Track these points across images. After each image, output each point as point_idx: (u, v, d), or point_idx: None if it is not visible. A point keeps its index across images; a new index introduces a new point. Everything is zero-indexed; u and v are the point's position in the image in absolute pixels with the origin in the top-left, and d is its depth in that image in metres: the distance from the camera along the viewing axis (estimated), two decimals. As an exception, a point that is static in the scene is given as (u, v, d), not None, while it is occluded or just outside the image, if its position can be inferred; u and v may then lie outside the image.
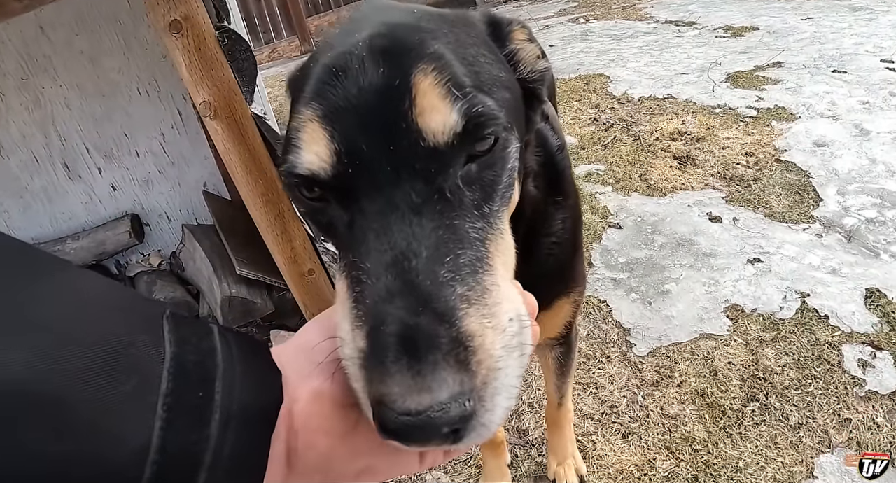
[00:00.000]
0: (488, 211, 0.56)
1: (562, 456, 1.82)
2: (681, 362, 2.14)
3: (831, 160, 3.22)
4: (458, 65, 0.56)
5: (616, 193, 3.31)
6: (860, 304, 2.26)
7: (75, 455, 0.33)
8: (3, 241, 0.38)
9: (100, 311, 0.39)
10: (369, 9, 0.69)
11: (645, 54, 5.41)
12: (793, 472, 1.74)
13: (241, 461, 0.41)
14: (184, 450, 0.37)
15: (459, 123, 0.52)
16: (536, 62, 0.78)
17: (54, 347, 0.34)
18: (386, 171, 0.52)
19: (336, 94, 0.53)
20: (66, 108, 3.02)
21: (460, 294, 0.47)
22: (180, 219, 3.32)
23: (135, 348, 0.38)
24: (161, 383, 0.37)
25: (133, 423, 0.35)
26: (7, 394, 0.31)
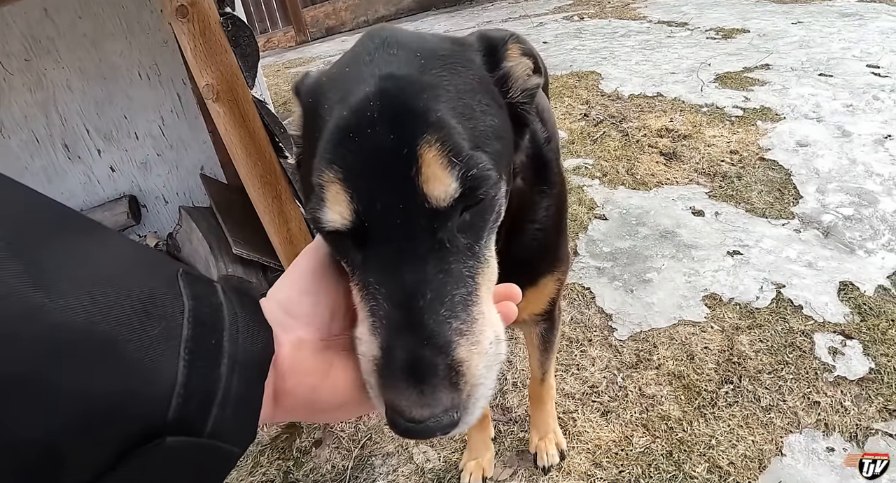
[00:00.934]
0: (478, 249, 0.66)
1: (543, 431, 1.89)
2: (659, 346, 2.23)
3: (813, 160, 3.31)
4: (458, 128, 0.63)
5: (603, 186, 3.38)
6: (833, 295, 2.35)
7: (123, 388, 0.38)
8: (48, 202, 0.44)
9: (131, 265, 0.45)
10: (376, 46, 0.72)
11: (637, 53, 5.48)
12: (763, 450, 1.82)
13: (242, 400, 0.47)
14: (201, 387, 0.43)
15: (458, 190, 0.61)
16: (528, 79, 0.82)
17: (103, 295, 0.39)
18: (397, 225, 0.61)
19: (353, 158, 0.61)
20: (68, 90, 3.06)
21: (455, 328, 0.59)
22: (177, 201, 3.37)
23: (160, 299, 0.44)
24: (182, 331, 0.44)
25: (164, 362, 0.41)
26: (73, 333, 0.36)
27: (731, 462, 1.80)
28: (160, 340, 0.41)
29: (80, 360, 0.36)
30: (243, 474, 2.06)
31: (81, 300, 0.37)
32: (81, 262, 0.40)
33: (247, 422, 0.49)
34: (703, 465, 1.80)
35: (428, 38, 0.77)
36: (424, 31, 0.82)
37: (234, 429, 0.46)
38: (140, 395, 0.39)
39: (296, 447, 2.12)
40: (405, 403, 0.55)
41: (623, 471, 1.82)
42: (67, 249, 0.40)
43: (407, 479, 1.93)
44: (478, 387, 0.58)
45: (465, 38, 0.80)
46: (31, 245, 0.38)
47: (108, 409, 0.37)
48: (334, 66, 0.78)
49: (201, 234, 2.74)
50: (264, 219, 2.14)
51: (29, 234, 0.39)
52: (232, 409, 0.45)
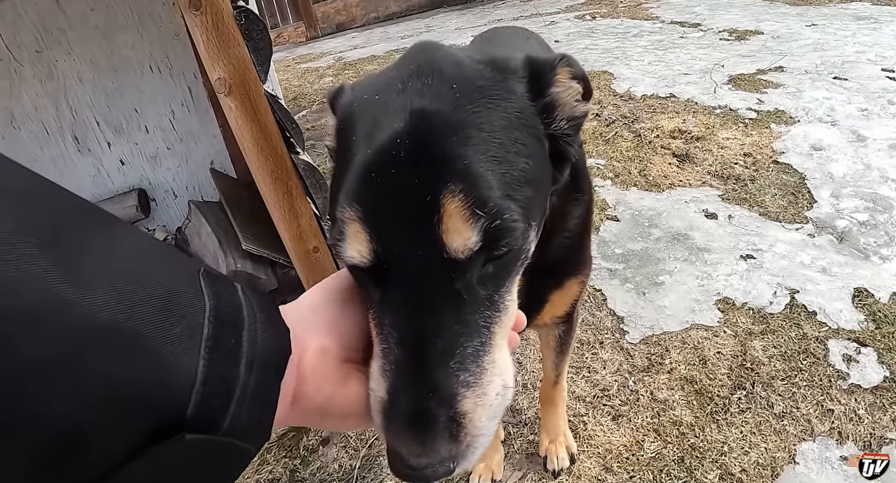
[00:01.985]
0: (497, 298, 0.65)
1: (554, 434, 1.87)
2: (671, 350, 2.21)
3: (827, 164, 3.27)
4: (486, 176, 0.61)
5: (615, 187, 3.36)
6: (848, 302, 2.32)
7: (146, 382, 0.39)
8: (75, 199, 0.44)
9: (153, 262, 0.46)
10: (411, 72, 0.70)
11: (649, 53, 5.45)
12: (775, 458, 1.80)
13: (259, 400, 0.48)
14: (220, 385, 0.44)
15: (478, 243, 0.59)
16: (576, 107, 0.79)
17: (127, 291, 0.40)
18: (415, 271, 0.60)
19: (376, 199, 0.61)
20: (79, 82, 3.05)
21: (462, 380, 0.59)
22: (186, 195, 3.36)
23: (182, 297, 0.44)
24: (203, 329, 0.44)
25: (184, 359, 0.42)
26: (99, 327, 0.37)
27: (743, 469, 1.77)
28: (181, 338, 0.42)
29: (106, 353, 0.37)
30: (250, 472, 2.05)
31: (107, 296, 0.38)
32: (106, 257, 0.41)
33: (262, 421, 0.49)
34: (715, 471, 1.77)
35: (466, 65, 0.73)
36: (465, 54, 0.77)
37: (250, 428, 0.47)
38: (161, 391, 0.40)
39: (303, 445, 2.11)
40: (405, 450, 0.57)
41: (634, 476, 1.80)
42: (93, 244, 0.41)
43: (415, 480, 1.90)
44: (478, 437, 0.59)
45: (511, 61, 0.77)
46: (59, 240, 0.38)
47: (131, 401, 0.38)
48: (367, 86, 0.76)
49: (210, 228, 2.73)
50: (274, 214, 2.13)
51: (57, 229, 0.39)
52: (248, 409, 0.46)
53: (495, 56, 0.78)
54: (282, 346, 0.53)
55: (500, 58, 0.77)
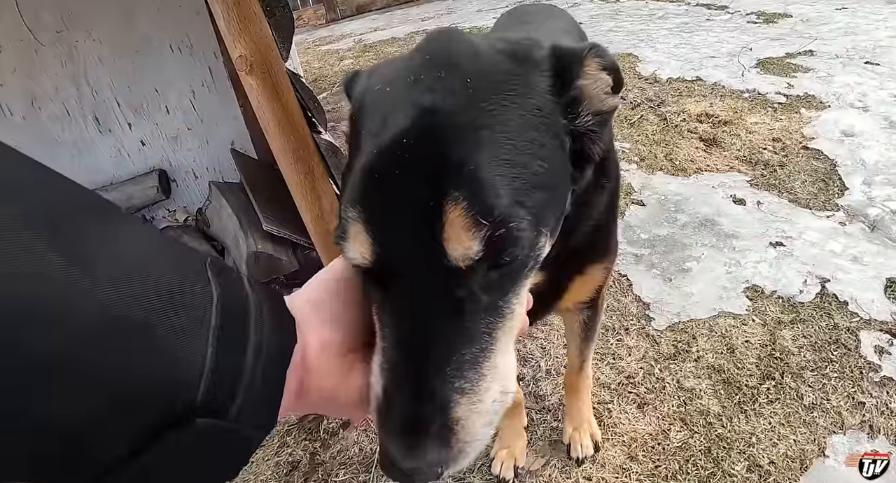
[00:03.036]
0: (502, 304, 0.64)
1: (578, 421, 1.84)
2: (698, 338, 2.16)
3: (858, 150, 3.19)
4: (493, 182, 0.59)
5: (640, 171, 3.31)
6: (880, 292, 2.26)
7: (157, 371, 0.41)
8: (82, 191, 0.45)
9: (161, 254, 0.46)
10: (425, 63, 0.68)
11: (675, 36, 5.35)
12: (804, 450, 1.76)
13: (265, 387, 0.49)
14: (228, 373, 0.45)
15: (480, 253, 0.58)
16: (604, 100, 0.75)
17: (137, 283, 0.41)
18: (416, 276, 0.60)
19: (380, 201, 0.60)
20: (99, 63, 3.04)
21: (457, 387, 0.59)
22: (207, 176, 3.36)
23: (190, 287, 0.45)
24: (211, 319, 0.45)
25: (193, 347, 0.43)
26: (111, 318, 0.38)
27: (771, 461, 1.73)
28: (190, 327, 0.44)
29: (119, 344, 0.38)
30: (269, 454, 2.05)
31: (117, 287, 0.39)
32: (115, 249, 0.42)
33: (269, 408, 0.51)
34: (743, 463, 1.74)
35: (485, 56, 0.70)
36: (486, 43, 0.73)
37: (258, 414, 0.48)
38: (172, 379, 0.41)
39: (323, 428, 2.10)
40: (395, 452, 0.57)
41: (659, 466, 1.77)
42: (103, 237, 0.42)
43: (436, 465, 1.89)
44: (470, 443, 0.59)
45: (535, 52, 0.72)
46: (71, 233, 0.40)
47: (142, 390, 0.39)
48: (381, 74, 0.74)
49: (231, 209, 2.72)
50: (296, 195, 2.10)
51: (69, 222, 0.40)
52: (255, 396, 0.47)
53: (518, 45, 0.74)
54: (287, 336, 0.55)
55: (523, 47, 0.73)
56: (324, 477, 1.95)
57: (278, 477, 1.97)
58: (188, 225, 3.22)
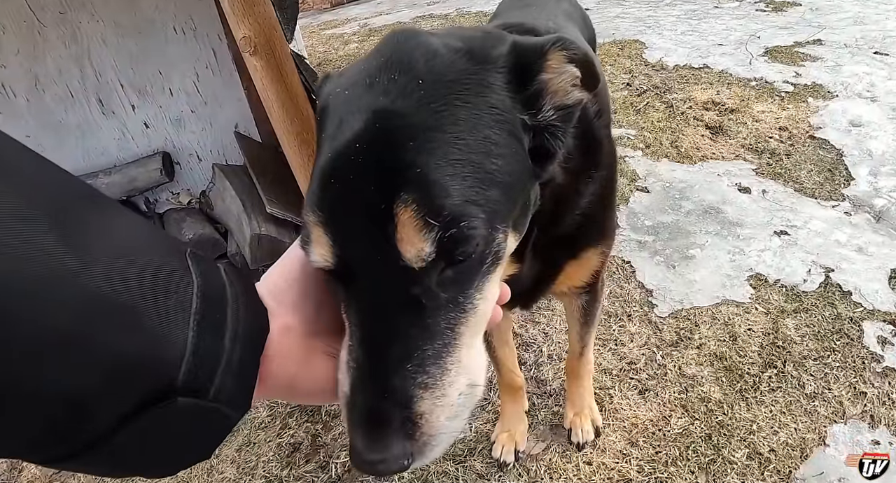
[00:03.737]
0: (463, 299, 0.65)
1: (579, 406, 1.85)
2: (701, 325, 2.16)
3: (866, 141, 3.17)
4: (442, 182, 0.60)
5: (646, 158, 3.29)
6: (884, 283, 2.25)
7: (142, 351, 0.43)
8: (78, 183, 0.48)
9: (147, 242, 0.49)
10: (381, 65, 0.69)
11: (682, 23, 5.31)
12: (805, 439, 1.76)
13: (241, 370, 0.52)
14: (208, 355, 0.48)
15: (432, 253, 0.59)
16: (568, 95, 0.76)
17: (126, 267, 0.44)
18: (375, 276, 0.62)
19: (335, 204, 0.62)
20: (103, 44, 3.02)
21: (419, 382, 0.60)
22: (210, 159, 3.35)
23: (173, 274, 0.48)
24: (192, 304, 0.48)
25: (176, 330, 0.46)
26: (102, 299, 0.41)
27: (771, 449, 1.74)
28: (173, 312, 0.46)
29: (108, 324, 0.41)
30: (271, 435, 2.06)
31: (108, 271, 0.42)
32: (107, 236, 0.45)
33: (245, 390, 0.53)
34: (743, 450, 1.74)
35: (440, 57, 0.70)
36: (444, 42, 0.73)
37: (234, 395, 0.51)
38: (156, 359, 0.44)
39: (325, 411, 2.11)
40: (360, 446, 0.60)
41: (660, 451, 1.77)
42: (94, 224, 0.44)
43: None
44: (435, 436, 0.61)
45: (494, 49, 0.73)
46: (66, 219, 0.42)
47: (128, 368, 0.42)
48: (344, 78, 0.75)
49: (234, 192, 2.72)
50: (299, 177, 2.10)
51: (64, 208, 0.43)
52: (232, 378, 0.50)
53: (478, 42, 0.74)
54: (260, 323, 0.57)
55: (481, 46, 0.73)
56: (325, 458, 1.96)
57: (280, 458, 1.98)
58: (191, 207, 3.22)
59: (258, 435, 2.08)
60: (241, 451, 2.04)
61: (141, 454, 0.47)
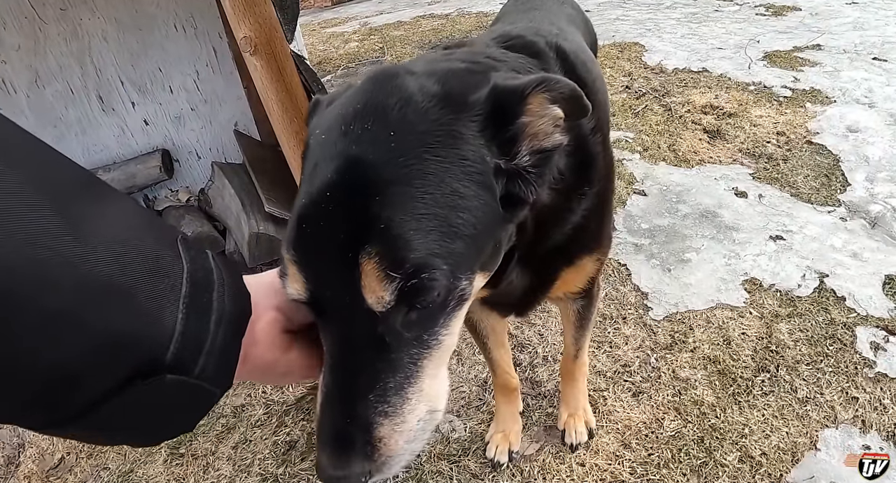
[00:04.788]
0: (427, 337, 0.71)
1: (573, 408, 1.86)
2: (695, 329, 2.17)
3: (863, 146, 3.18)
4: (405, 236, 0.64)
5: (643, 161, 3.31)
6: (878, 289, 2.26)
7: (135, 329, 0.47)
8: (80, 170, 0.51)
9: (142, 227, 0.52)
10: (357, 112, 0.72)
11: (682, 26, 5.33)
12: (797, 443, 1.77)
13: (224, 350, 0.56)
14: (194, 336, 0.52)
15: (392, 302, 0.64)
16: (546, 138, 0.77)
17: (122, 252, 0.47)
18: (342, 313, 0.67)
19: (308, 246, 0.67)
20: (103, 41, 3.03)
21: (380, 410, 0.67)
22: (210, 157, 3.36)
23: (165, 259, 0.52)
24: (182, 287, 0.52)
25: (167, 312, 0.50)
26: (100, 282, 0.44)
27: (763, 452, 1.75)
28: (164, 294, 0.50)
29: (105, 304, 0.45)
30: (267, 433, 2.07)
31: (107, 255, 0.45)
32: (105, 221, 0.48)
33: (227, 369, 0.57)
34: (735, 453, 1.75)
35: (415, 104, 0.72)
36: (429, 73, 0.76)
37: (217, 374, 0.55)
38: (148, 338, 0.48)
39: (320, 409, 2.12)
40: (325, 463, 0.66)
41: (652, 454, 1.79)
42: (94, 209, 0.48)
43: (432, 447, 1.91)
44: (394, 457, 0.67)
45: (471, 95, 0.74)
46: (69, 204, 0.45)
47: (122, 345, 0.46)
48: (327, 114, 0.78)
49: (233, 190, 2.72)
50: (298, 177, 2.10)
51: (67, 194, 0.46)
52: (216, 358, 0.54)
53: (456, 86, 0.76)
54: (243, 308, 0.61)
55: (459, 90, 0.75)
56: (320, 457, 1.97)
57: (276, 456, 1.99)
58: (190, 205, 3.23)
59: (254, 432, 2.09)
60: (238, 449, 2.04)
61: (127, 424, 0.52)
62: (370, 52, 6.43)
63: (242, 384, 2.28)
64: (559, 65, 1.13)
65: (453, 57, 0.93)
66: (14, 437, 2.28)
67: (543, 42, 1.16)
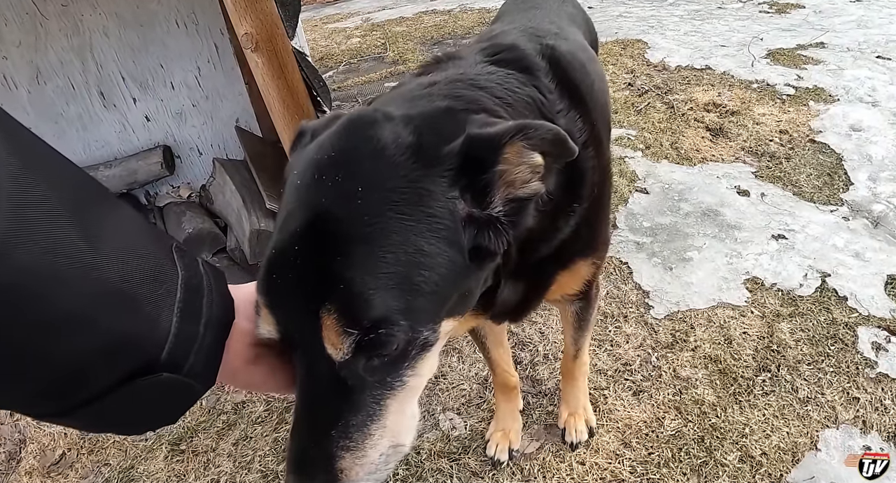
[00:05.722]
0: (391, 379, 0.73)
1: (573, 406, 1.86)
2: (696, 328, 2.17)
3: (866, 145, 3.17)
4: (364, 294, 0.66)
5: (645, 159, 3.30)
6: (880, 289, 2.26)
7: (137, 331, 0.52)
8: (88, 177, 0.56)
9: (144, 237, 0.57)
10: (328, 162, 0.74)
11: (685, 23, 5.32)
12: (797, 443, 1.77)
13: (210, 351, 0.61)
14: (186, 337, 0.57)
15: (349, 354, 0.68)
16: (522, 187, 0.77)
17: (128, 259, 0.52)
18: (308, 357, 0.71)
19: (277, 292, 0.70)
20: (105, 37, 3.02)
21: (342, 445, 0.70)
22: (211, 153, 3.36)
23: (164, 267, 0.57)
24: (177, 293, 0.57)
25: (164, 316, 0.55)
26: (109, 287, 0.49)
27: (763, 452, 1.75)
28: (163, 299, 0.55)
29: (113, 308, 0.50)
30: (268, 430, 2.07)
31: (116, 263, 0.50)
32: (115, 231, 0.53)
33: (211, 368, 0.63)
34: (735, 453, 1.75)
35: (386, 157, 0.73)
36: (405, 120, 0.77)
37: (203, 372, 0.61)
38: (148, 339, 0.54)
39: (321, 407, 2.12)
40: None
41: (652, 452, 1.78)
42: (105, 220, 0.52)
43: (432, 445, 1.91)
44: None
45: (445, 147, 0.74)
46: (84, 215, 0.50)
47: (126, 345, 0.51)
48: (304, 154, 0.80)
49: (234, 187, 2.72)
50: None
51: (83, 205, 0.50)
52: (203, 357, 0.60)
53: (430, 136, 0.76)
54: (228, 314, 0.66)
55: (433, 141, 0.75)
56: (320, 454, 1.97)
57: (276, 453, 2.00)
58: (191, 201, 3.22)
59: (255, 429, 2.09)
60: (238, 446, 2.05)
61: (121, 415, 0.56)
62: (372, 48, 6.42)
63: (243, 381, 2.28)
64: (551, 75, 1.11)
65: (434, 92, 0.92)
66: (15, 433, 2.28)
67: (537, 50, 1.15)
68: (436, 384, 2.13)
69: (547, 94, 1.06)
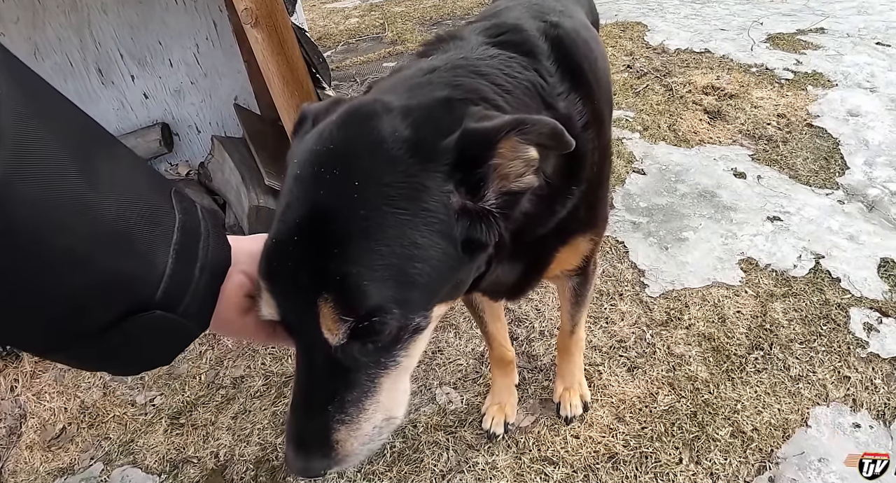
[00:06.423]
0: (385, 359, 0.78)
1: (569, 381, 1.88)
2: (691, 306, 2.19)
3: (863, 130, 3.19)
4: (360, 285, 0.69)
5: (643, 140, 3.31)
6: (873, 271, 2.28)
7: (133, 270, 0.55)
8: (89, 119, 0.58)
9: (142, 179, 0.60)
10: (327, 153, 0.76)
11: (686, 6, 5.30)
12: (788, 419, 1.80)
13: (205, 294, 0.64)
14: (181, 279, 0.60)
15: (343, 339, 0.72)
16: (516, 181, 0.79)
17: (126, 200, 0.54)
18: (306, 338, 0.75)
19: (277, 278, 0.73)
20: (103, 13, 3.00)
21: (338, 419, 0.76)
22: (209, 130, 3.35)
23: (161, 209, 0.59)
24: (173, 235, 0.59)
25: (160, 257, 0.57)
26: (107, 227, 0.51)
27: (755, 428, 1.78)
28: (158, 240, 0.57)
29: (109, 246, 0.52)
30: (266, 404, 2.10)
31: (114, 203, 0.52)
32: (113, 172, 0.55)
33: (206, 310, 0.66)
34: (727, 428, 1.78)
35: (384, 151, 0.74)
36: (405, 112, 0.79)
37: (197, 314, 0.63)
38: (142, 278, 0.56)
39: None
40: (290, 456, 0.77)
41: (646, 427, 1.81)
42: (105, 161, 0.54)
43: (429, 418, 1.94)
44: (349, 455, 0.78)
45: (442, 141, 0.75)
46: (84, 155, 0.52)
47: (121, 282, 0.54)
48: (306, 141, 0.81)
49: (233, 164, 2.72)
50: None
51: (83, 145, 0.53)
52: (198, 299, 0.62)
53: (429, 130, 0.77)
54: (224, 259, 0.69)
55: (431, 135, 0.76)
56: (318, 427, 1.99)
57: (275, 426, 2.02)
58: (190, 179, 3.22)
59: (253, 403, 2.11)
60: (237, 419, 2.07)
61: (117, 353, 0.59)
62: (371, 27, 6.37)
63: (242, 355, 2.30)
64: (553, 57, 1.11)
65: (434, 80, 0.92)
66: (16, 408, 2.30)
67: (540, 29, 1.15)
68: (432, 359, 2.16)
69: (548, 78, 1.07)
